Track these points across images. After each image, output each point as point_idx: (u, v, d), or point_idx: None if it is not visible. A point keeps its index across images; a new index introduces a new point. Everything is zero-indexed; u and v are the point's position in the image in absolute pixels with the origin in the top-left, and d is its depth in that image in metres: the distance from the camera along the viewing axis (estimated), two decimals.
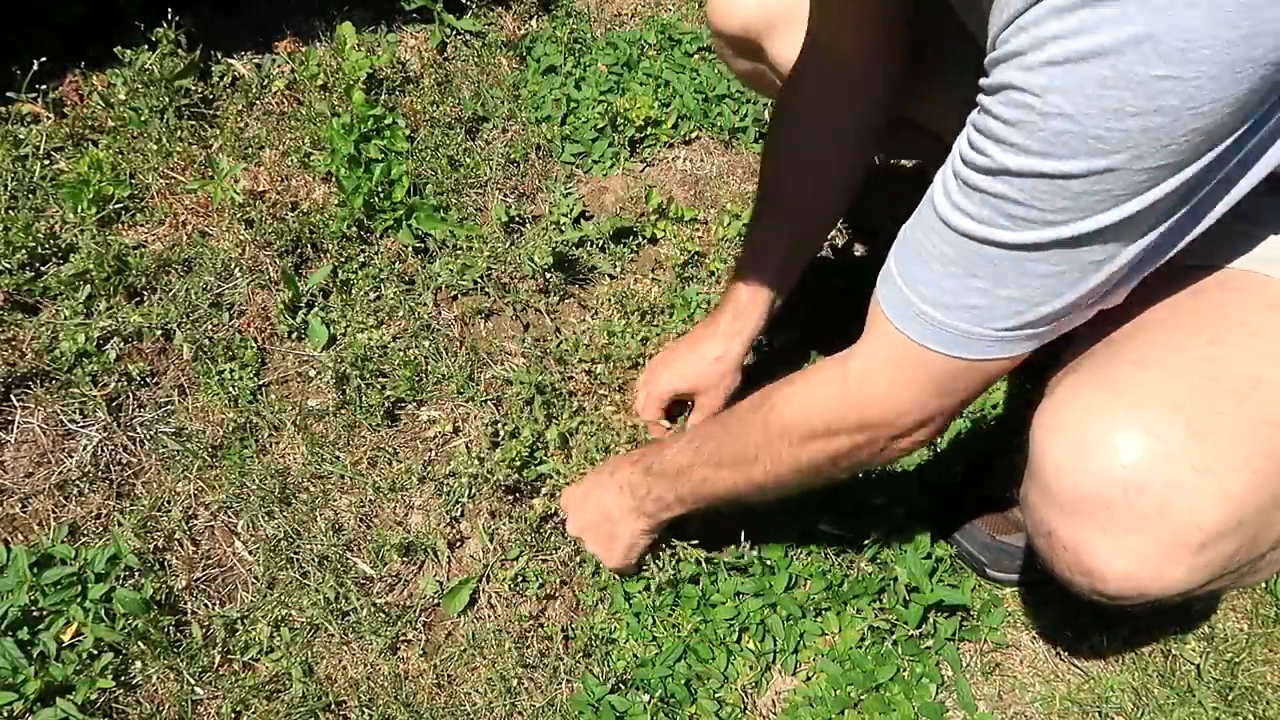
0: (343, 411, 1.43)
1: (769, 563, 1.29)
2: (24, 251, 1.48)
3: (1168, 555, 0.77)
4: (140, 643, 1.19)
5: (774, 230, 1.25)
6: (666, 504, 1.14)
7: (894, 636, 1.26)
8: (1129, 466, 0.77)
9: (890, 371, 0.86)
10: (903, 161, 1.75)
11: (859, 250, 1.66)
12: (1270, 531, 0.80)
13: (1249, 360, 0.79)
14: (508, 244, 1.61)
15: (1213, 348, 0.80)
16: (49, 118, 1.69)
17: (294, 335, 1.50)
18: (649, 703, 1.18)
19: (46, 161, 1.64)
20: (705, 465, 1.07)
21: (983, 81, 0.68)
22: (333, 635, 1.24)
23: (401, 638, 1.25)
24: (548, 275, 1.58)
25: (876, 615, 1.26)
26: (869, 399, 0.89)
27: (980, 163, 0.70)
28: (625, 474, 1.18)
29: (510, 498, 1.36)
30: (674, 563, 1.28)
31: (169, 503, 1.33)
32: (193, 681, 1.19)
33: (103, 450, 1.35)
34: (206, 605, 1.26)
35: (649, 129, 1.79)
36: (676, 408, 1.40)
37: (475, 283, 1.56)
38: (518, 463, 1.34)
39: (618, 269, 1.63)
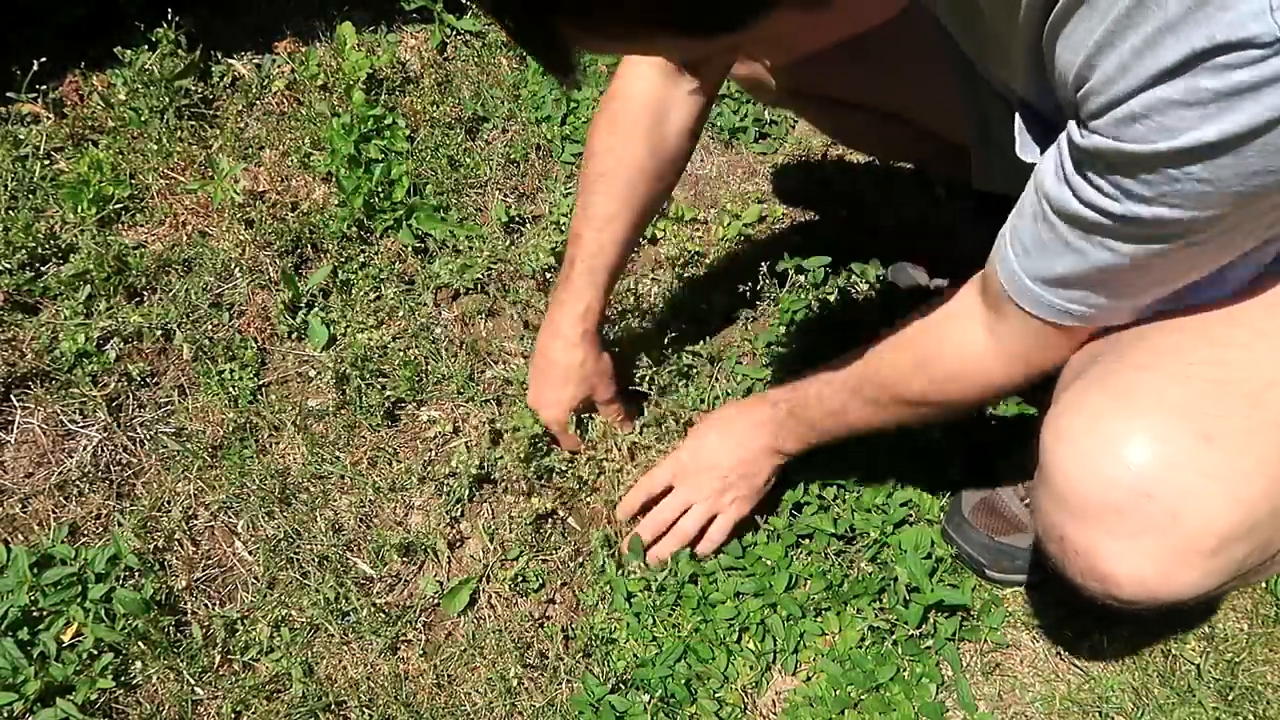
0: (343, 411, 1.43)
1: (769, 563, 1.29)
2: (24, 251, 1.48)
3: (1180, 560, 0.77)
4: (140, 643, 1.19)
5: (612, 225, 1.24)
6: (807, 443, 1.19)
7: (894, 636, 1.26)
8: (1138, 472, 0.77)
9: (1042, 347, 0.91)
10: (902, 163, 1.75)
11: (859, 249, 1.66)
12: None
13: (1256, 363, 0.79)
14: (508, 244, 1.61)
15: (1218, 350, 0.80)
16: (49, 118, 1.69)
17: (294, 335, 1.50)
18: (649, 703, 1.18)
19: (46, 161, 1.64)
20: (860, 408, 1.11)
21: (1086, 141, 0.69)
22: (333, 635, 1.24)
23: (401, 638, 1.25)
24: (548, 275, 1.58)
25: (876, 615, 1.26)
26: (1031, 368, 0.94)
27: (1110, 208, 0.71)
28: (765, 413, 1.20)
29: (510, 497, 1.36)
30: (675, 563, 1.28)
31: (169, 503, 1.33)
32: (193, 681, 1.19)
33: (103, 450, 1.35)
34: (206, 605, 1.26)
35: None
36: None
37: (475, 283, 1.56)
38: (518, 461, 1.34)
39: None
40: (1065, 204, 0.75)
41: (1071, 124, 0.71)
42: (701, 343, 1.50)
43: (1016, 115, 0.85)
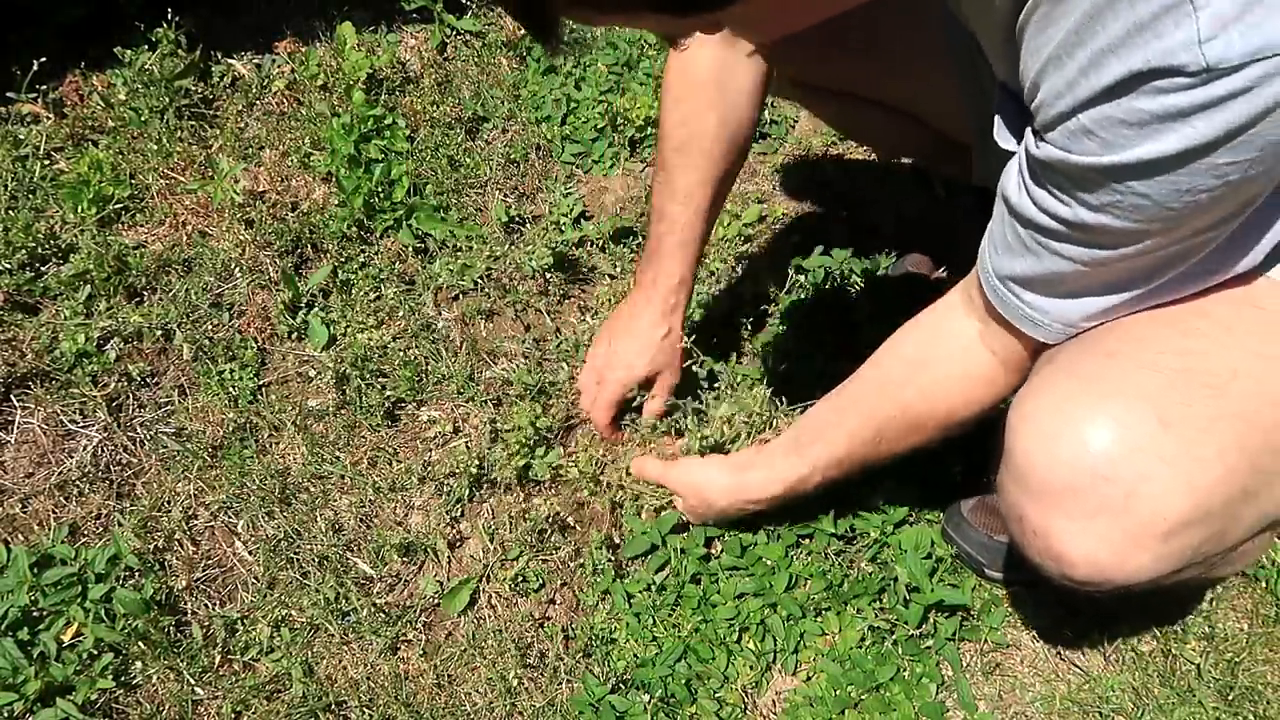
0: (343, 411, 1.43)
1: (769, 563, 1.29)
2: (24, 251, 1.48)
3: (1133, 543, 0.79)
4: (140, 643, 1.19)
5: (694, 197, 1.24)
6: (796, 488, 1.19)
7: (894, 636, 1.26)
8: (1097, 455, 0.79)
9: (1029, 350, 0.93)
10: (902, 160, 1.75)
11: (859, 248, 1.66)
12: (1238, 524, 0.81)
13: (1222, 354, 0.81)
14: (508, 244, 1.61)
15: (1186, 340, 0.82)
16: (49, 118, 1.69)
17: (294, 335, 1.50)
18: (649, 703, 1.18)
19: (46, 161, 1.64)
20: (860, 454, 1.12)
21: (1041, 151, 0.72)
22: (333, 635, 1.24)
23: (401, 638, 1.25)
24: (548, 275, 1.58)
25: (877, 615, 1.26)
26: (1024, 374, 0.95)
27: (1061, 213, 0.75)
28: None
29: (510, 498, 1.36)
30: (679, 563, 1.28)
31: (169, 503, 1.33)
32: (193, 681, 1.19)
33: (103, 450, 1.35)
34: (207, 605, 1.26)
35: (649, 129, 1.79)
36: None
37: (475, 283, 1.56)
38: (518, 461, 1.34)
39: (618, 269, 1.63)
40: (1023, 209, 0.78)
41: (1029, 134, 0.75)
42: (702, 343, 1.50)
43: (996, 99, 0.86)
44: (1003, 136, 0.85)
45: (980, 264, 0.90)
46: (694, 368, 1.34)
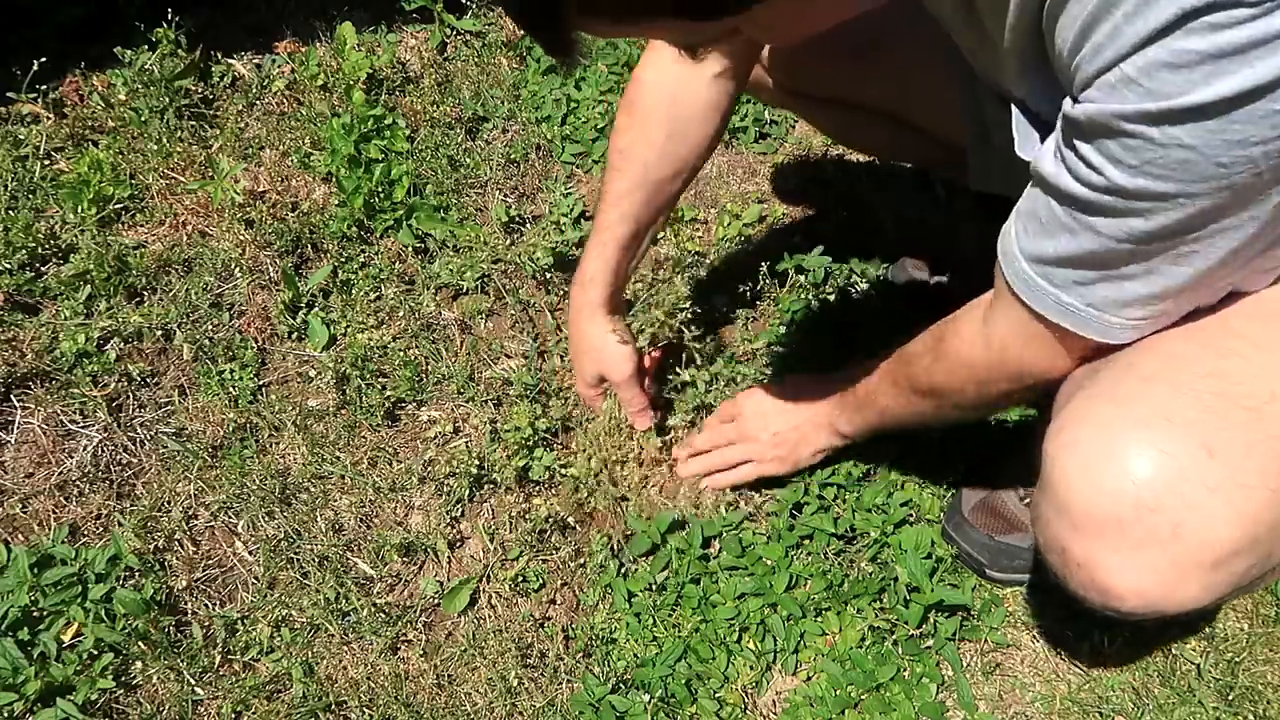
0: (343, 411, 1.43)
1: (769, 563, 1.29)
2: (24, 251, 1.48)
3: (1182, 574, 0.77)
4: (140, 643, 1.19)
5: (617, 198, 1.24)
6: (859, 427, 1.23)
7: (894, 636, 1.26)
8: (1141, 485, 0.76)
9: (1025, 341, 0.90)
10: (902, 163, 1.75)
11: (859, 248, 1.66)
12: None
13: (1257, 375, 0.79)
14: (508, 244, 1.61)
15: (1221, 361, 0.80)
16: (49, 118, 1.69)
17: (294, 335, 1.50)
18: (649, 703, 1.18)
19: (46, 161, 1.64)
20: (889, 395, 1.14)
21: (1077, 110, 0.68)
22: (333, 635, 1.24)
23: (402, 638, 1.25)
24: (548, 275, 1.58)
25: (877, 615, 1.26)
26: (1011, 364, 0.94)
27: (1088, 179, 0.71)
28: (826, 388, 1.26)
29: (511, 498, 1.36)
30: (679, 561, 1.28)
31: (169, 503, 1.33)
32: (193, 682, 1.19)
33: (103, 450, 1.35)
34: (207, 605, 1.26)
35: None
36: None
37: (475, 283, 1.56)
38: (518, 461, 1.34)
39: None
40: (1059, 181, 0.74)
41: (1067, 100, 0.70)
42: (702, 343, 1.50)
43: (1014, 112, 0.85)
44: (1026, 148, 0.83)
45: (1004, 250, 0.86)
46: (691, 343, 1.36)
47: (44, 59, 1.65)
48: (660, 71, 1.19)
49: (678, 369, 1.39)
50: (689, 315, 1.35)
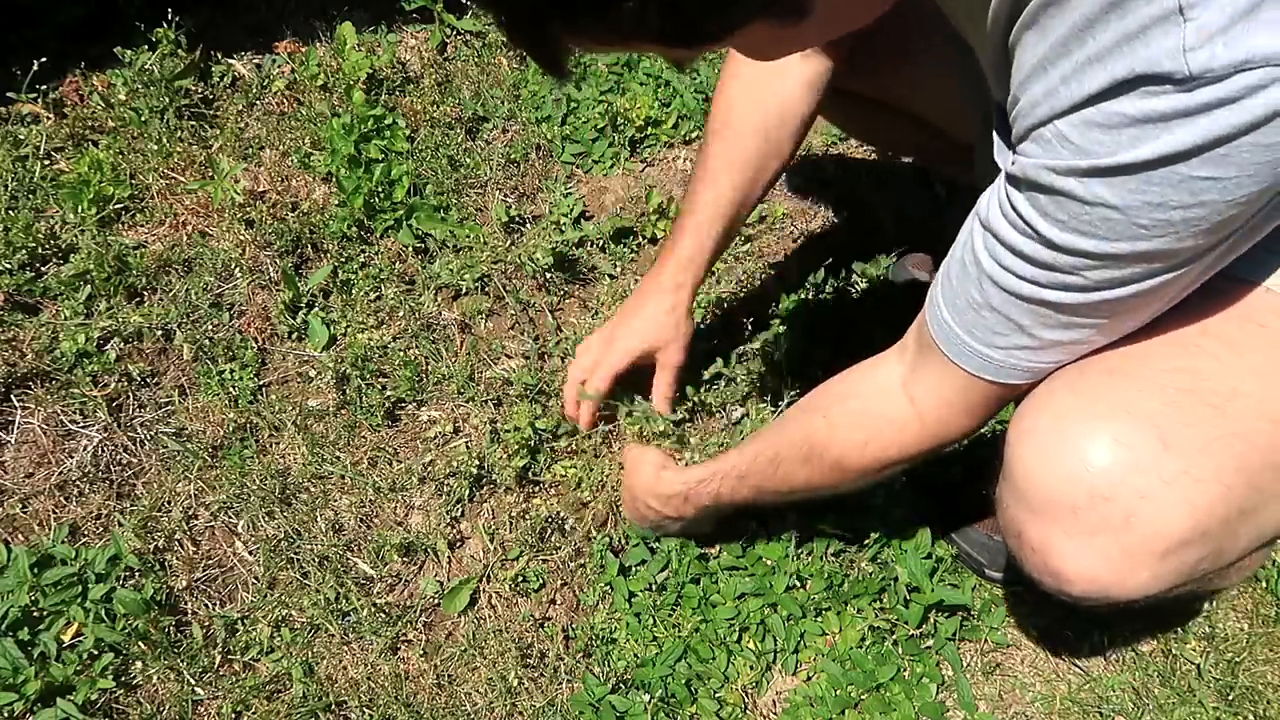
0: (343, 411, 1.43)
1: (769, 563, 1.29)
2: (24, 251, 1.48)
3: (1131, 561, 0.79)
4: (140, 643, 1.19)
5: (719, 180, 1.23)
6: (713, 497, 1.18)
7: (894, 636, 1.26)
8: (1097, 473, 0.79)
9: (957, 401, 0.91)
10: (902, 159, 1.75)
11: (859, 248, 1.66)
12: (1236, 542, 0.81)
13: (1224, 373, 0.80)
14: (508, 244, 1.61)
15: (1189, 359, 0.81)
16: (49, 118, 1.69)
17: (294, 335, 1.50)
18: (649, 703, 1.18)
19: (46, 161, 1.64)
20: (762, 487, 1.11)
21: (1016, 164, 0.70)
22: (333, 635, 1.24)
23: (402, 638, 1.25)
24: (548, 275, 1.58)
25: (877, 615, 1.26)
26: (945, 429, 0.94)
27: (1023, 229, 0.73)
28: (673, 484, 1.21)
29: (511, 498, 1.36)
30: (679, 560, 1.28)
31: (169, 503, 1.33)
32: (193, 682, 1.19)
33: (103, 450, 1.35)
34: (207, 605, 1.26)
35: (649, 129, 1.79)
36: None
37: (475, 283, 1.56)
38: (518, 461, 1.34)
39: (618, 269, 1.63)
40: (996, 227, 0.76)
41: (1007, 154, 0.73)
42: (702, 343, 1.50)
43: (994, 120, 0.86)
44: (1002, 158, 0.84)
45: (930, 300, 0.88)
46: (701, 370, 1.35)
47: (44, 59, 1.65)
48: (746, 82, 1.18)
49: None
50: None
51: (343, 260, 1.57)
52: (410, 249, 1.59)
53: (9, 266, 1.47)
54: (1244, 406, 0.79)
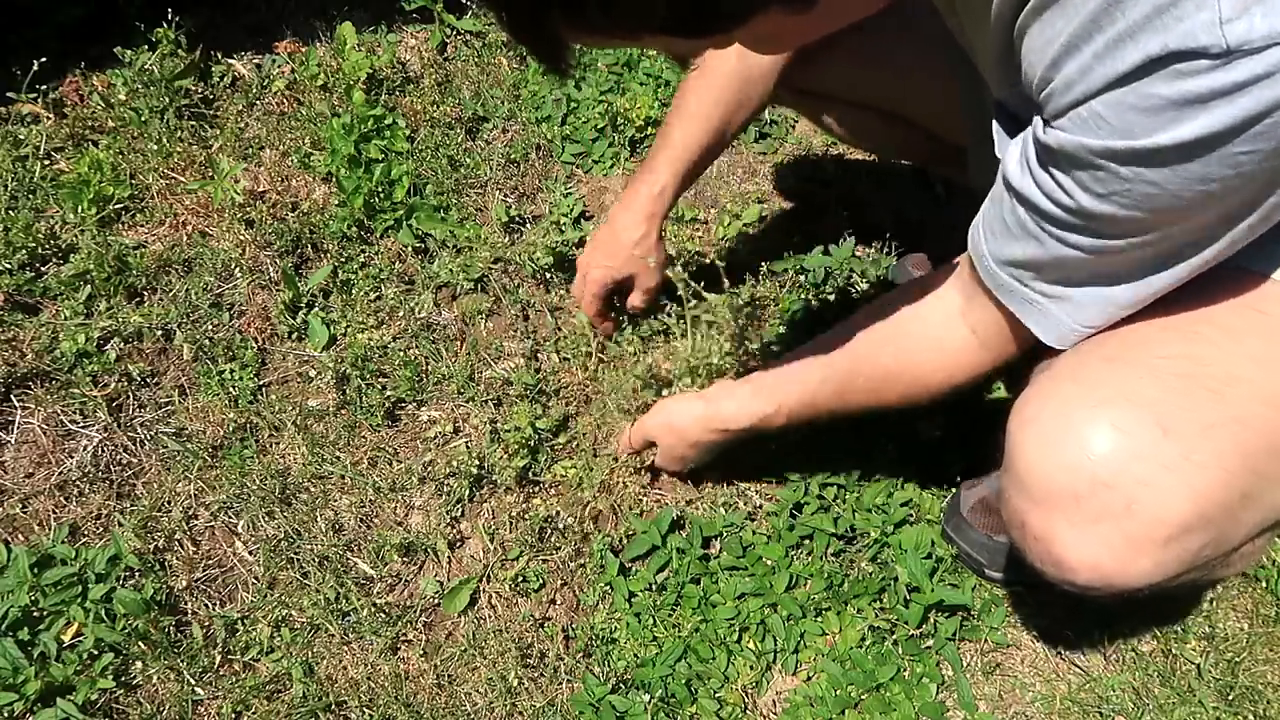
0: (343, 411, 1.43)
1: (769, 563, 1.29)
2: (24, 251, 1.48)
3: (1134, 549, 0.79)
4: (141, 643, 1.19)
5: (695, 117, 1.27)
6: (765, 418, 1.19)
7: (894, 636, 1.26)
8: (1098, 461, 0.79)
9: (1016, 332, 0.92)
10: (902, 161, 1.75)
11: (859, 248, 1.66)
12: (1238, 528, 0.81)
13: (1223, 359, 0.81)
14: (508, 244, 1.61)
15: (1189, 345, 0.82)
16: (49, 118, 1.69)
17: (294, 335, 1.50)
18: (649, 703, 1.18)
19: (46, 161, 1.64)
20: (824, 401, 1.12)
21: (1051, 136, 0.71)
22: (333, 635, 1.24)
23: (402, 638, 1.25)
24: (548, 275, 1.58)
25: (877, 615, 1.26)
26: (1008, 352, 0.95)
27: (1065, 201, 0.74)
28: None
29: (511, 498, 1.36)
30: (680, 561, 1.28)
31: (169, 503, 1.33)
32: (193, 682, 1.19)
33: (103, 450, 1.35)
34: (207, 605, 1.26)
35: (649, 129, 1.79)
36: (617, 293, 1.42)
37: (475, 283, 1.56)
38: (518, 461, 1.34)
39: None
40: (1028, 193, 0.77)
41: (1037, 119, 0.74)
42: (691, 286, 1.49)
43: (995, 113, 0.86)
44: (1003, 148, 0.85)
45: (974, 247, 0.89)
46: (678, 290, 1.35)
47: (44, 59, 1.65)
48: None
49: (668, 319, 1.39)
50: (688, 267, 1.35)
51: (343, 260, 1.57)
52: (410, 249, 1.59)
53: (9, 266, 1.47)
54: (1243, 392, 0.80)
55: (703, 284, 1.33)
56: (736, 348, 1.33)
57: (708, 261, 1.64)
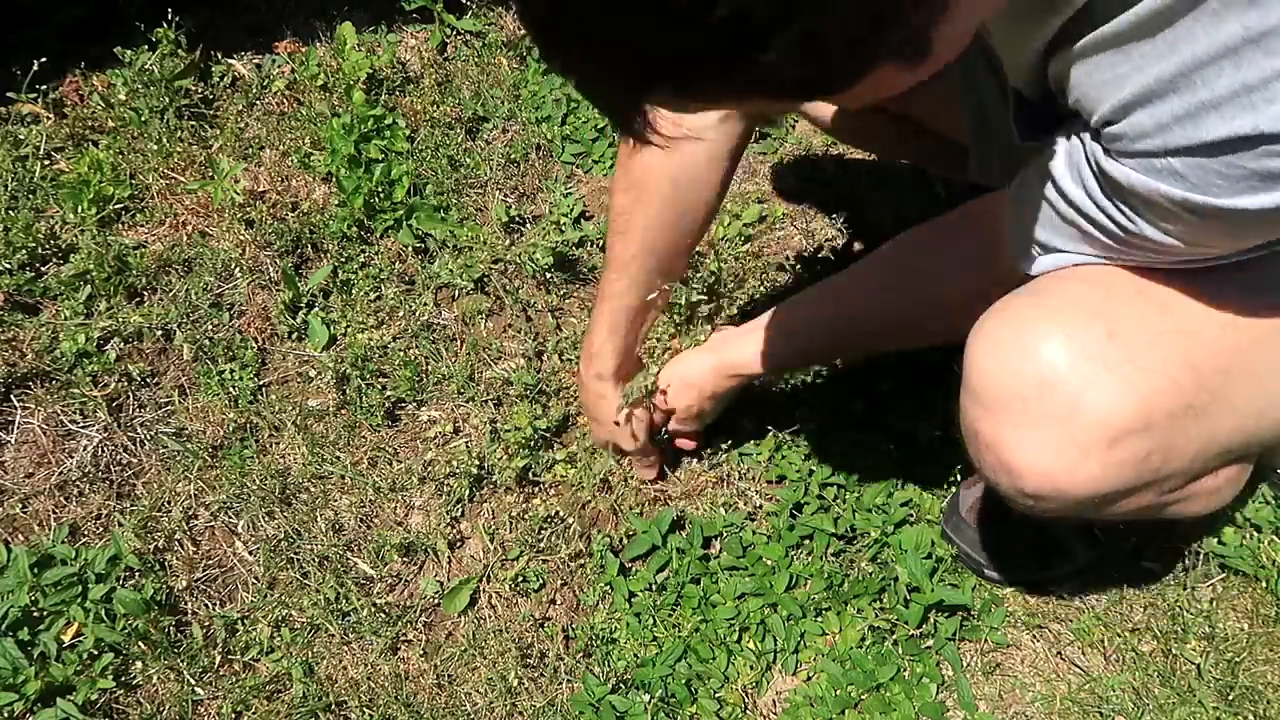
0: (343, 411, 1.43)
1: (769, 563, 1.29)
2: (24, 251, 1.48)
3: (1080, 450, 0.80)
4: (140, 643, 1.19)
5: (641, 264, 1.22)
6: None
7: (894, 636, 1.26)
8: (1044, 363, 0.80)
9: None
10: (901, 161, 1.75)
11: (859, 248, 1.66)
12: (1186, 443, 0.82)
13: (1176, 280, 0.82)
14: (508, 244, 1.61)
15: (1141, 277, 0.83)
16: (49, 118, 1.69)
17: (294, 335, 1.50)
18: (649, 703, 1.18)
19: (46, 161, 1.64)
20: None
21: (1115, 170, 0.71)
22: (333, 635, 1.24)
23: (402, 638, 1.25)
24: (548, 275, 1.58)
25: (877, 615, 1.26)
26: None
27: (1124, 224, 0.75)
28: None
29: (511, 498, 1.36)
30: (679, 561, 1.28)
31: (169, 503, 1.33)
32: (193, 682, 1.19)
33: (103, 450, 1.35)
34: (207, 605, 1.26)
35: None
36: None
37: (475, 283, 1.56)
38: (518, 461, 1.34)
39: None
40: (1080, 203, 0.78)
41: (1095, 145, 0.73)
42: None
43: (1012, 103, 0.85)
44: (1019, 137, 0.85)
45: (1013, 231, 0.88)
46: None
47: (44, 59, 1.65)
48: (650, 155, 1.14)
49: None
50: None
51: (343, 260, 1.57)
52: (410, 249, 1.59)
53: (9, 266, 1.47)
54: (1194, 308, 0.81)
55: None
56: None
57: (708, 261, 1.64)
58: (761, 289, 1.52)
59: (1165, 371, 0.79)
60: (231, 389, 1.43)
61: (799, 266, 1.63)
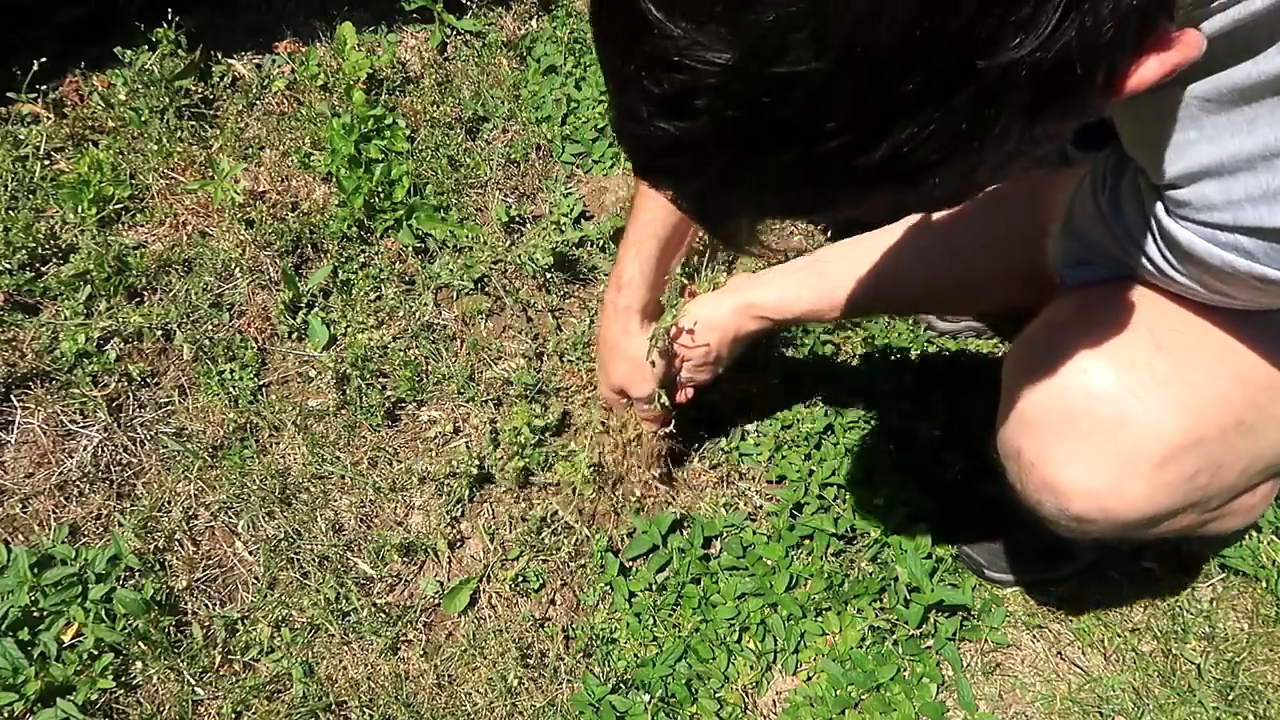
0: (343, 412, 1.43)
1: (769, 563, 1.29)
2: (24, 251, 1.48)
3: (1129, 468, 0.78)
4: (141, 643, 1.19)
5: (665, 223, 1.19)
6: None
7: (894, 636, 1.26)
8: (1090, 378, 0.78)
9: None
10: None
11: None
12: (1235, 460, 0.80)
13: (1225, 312, 0.80)
14: (508, 244, 1.61)
15: (1173, 302, 0.82)
16: (49, 118, 1.69)
17: (294, 335, 1.50)
18: (649, 703, 1.18)
19: (46, 161, 1.64)
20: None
21: (1178, 233, 0.70)
22: (333, 635, 1.24)
23: (402, 638, 1.25)
24: (548, 275, 1.58)
25: (877, 615, 1.26)
26: None
27: (1167, 270, 0.74)
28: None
29: (510, 497, 1.36)
30: (680, 560, 1.28)
31: (169, 503, 1.33)
32: (193, 682, 1.19)
33: (103, 450, 1.35)
34: (207, 605, 1.26)
35: None
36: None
37: (475, 283, 1.56)
38: (518, 461, 1.34)
39: None
40: (1134, 231, 0.76)
41: (1159, 204, 0.72)
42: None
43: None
44: (1081, 147, 0.84)
45: (1051, 244, 0.87)
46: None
47: (44, 59, 1.65)
48: None
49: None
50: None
51: (343, 260, 1.57)
52: (410, 249, 1.59)
53: (9, 266, 1.47)
54: (1239, 323, 0.79)
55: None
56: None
57: (707, 262, 1.64)
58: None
59: (1213, 385, 0.77)
60: (231, 389, 1.43)
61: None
